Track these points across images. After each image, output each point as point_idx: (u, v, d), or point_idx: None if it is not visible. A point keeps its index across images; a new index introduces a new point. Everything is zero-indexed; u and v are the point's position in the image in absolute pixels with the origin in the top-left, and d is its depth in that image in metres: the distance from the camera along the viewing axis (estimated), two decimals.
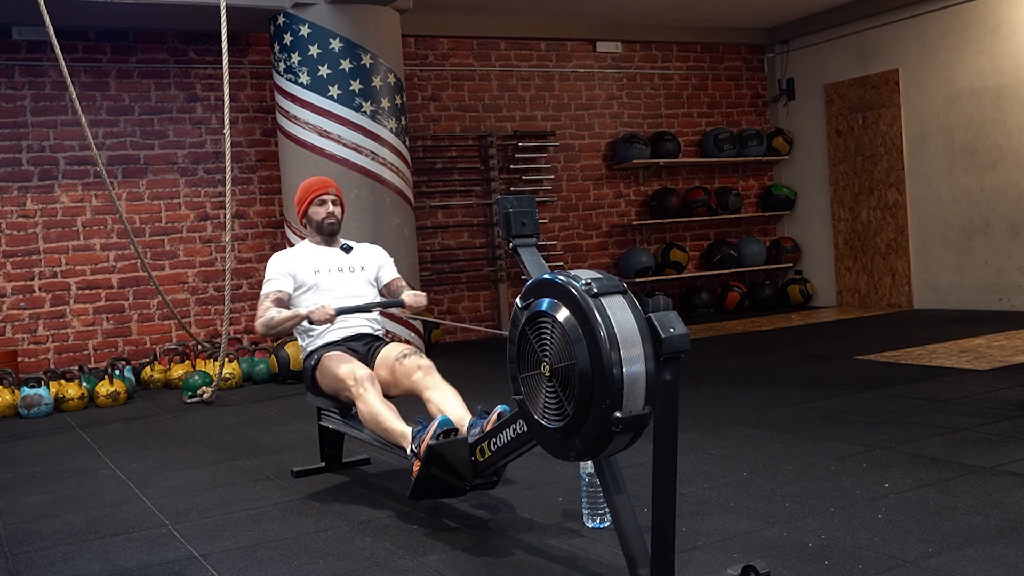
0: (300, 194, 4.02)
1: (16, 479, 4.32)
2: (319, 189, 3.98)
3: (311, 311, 3.59)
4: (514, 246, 2.81)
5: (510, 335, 2.52)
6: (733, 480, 3.50)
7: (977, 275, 8.34)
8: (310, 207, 3.98)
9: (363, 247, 4.13)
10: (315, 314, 3.56)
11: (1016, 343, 6.33)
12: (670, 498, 2.27)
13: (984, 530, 2.78)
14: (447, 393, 3.43)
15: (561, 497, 3.42)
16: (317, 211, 3.97)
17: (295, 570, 2.85)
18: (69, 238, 7.25)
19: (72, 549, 3.20)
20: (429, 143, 8.56)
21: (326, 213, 3.96)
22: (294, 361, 6.69)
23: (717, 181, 9.97)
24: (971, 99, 8.27)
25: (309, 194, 3.98)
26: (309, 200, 3.97)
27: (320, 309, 3.57)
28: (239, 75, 7.75)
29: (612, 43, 9.39)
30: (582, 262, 9.24)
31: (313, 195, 3.96)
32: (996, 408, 4.40)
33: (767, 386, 5.41)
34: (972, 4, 8.20)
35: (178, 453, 4.67)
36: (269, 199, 7.86)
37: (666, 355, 2.20)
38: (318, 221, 3.97)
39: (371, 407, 3.41)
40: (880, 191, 9.08)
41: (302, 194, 4.01)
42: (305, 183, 4.07)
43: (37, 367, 7.05)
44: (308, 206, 3.98)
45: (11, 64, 7.11)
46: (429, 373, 3.52)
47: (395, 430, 3.31)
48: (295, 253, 4.00)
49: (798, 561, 2.63)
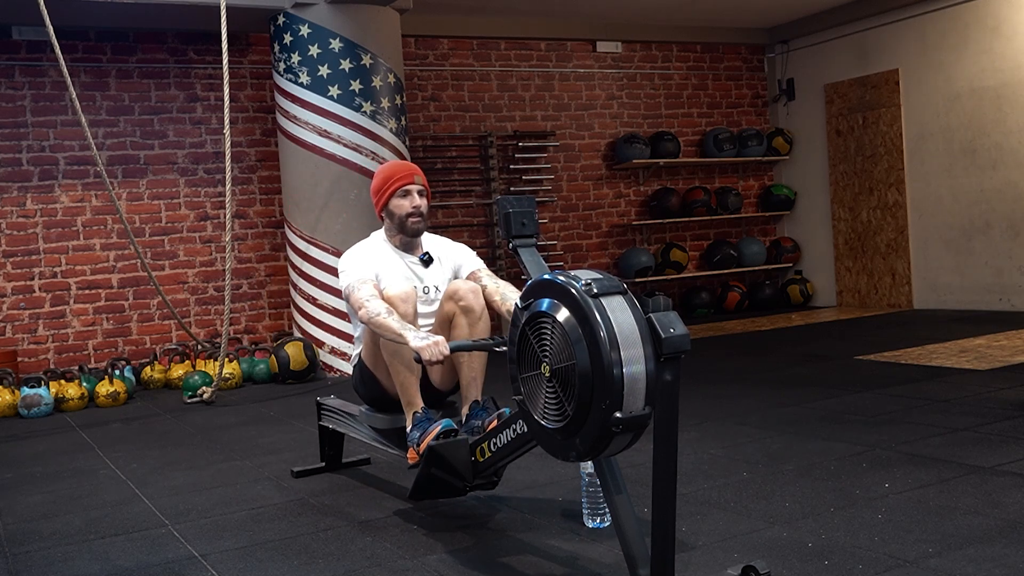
0: (379, 182, 3.42)
1: (16, 479, 4.32)
2: (404, 177, 3.38)
3: (422, 345, 2.87)
4: (514, 246, 2.81)
5: (510, 335, 2.52)
6: (733, 480, 3.50)
7: (977, 275, 8.34)
8: (392, 198, 3.38)
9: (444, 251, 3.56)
10: (426, 352, 2.85)
11: (1016, 343, 6.33)
12: (670, 498, 2.27)
13: (984, 530, 2.78)
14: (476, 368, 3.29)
15: (561, 497, 3.42)
16: (401, 204, 3.37)
17: (295, 570, 2.85)
18: (69, 238, 7.25)
19: (72, 549, 3.20)
20: (429, 143, 8.56)
21: (412, 208, 3.36)
22: (294, 361, 6.70)
23: (717, 181, 9.97)
24: (971, 99, 8.26)
25: (391, 183, 3.38)
26: (391, 190, 3.37)
27: (434, 345, 2.87)
28: (239, 75, 7.75)
29: (612, 43, 9.39)
30: (582, 262, 9.23)
31: (397, 184, 3.37)
32: (996, 408, 4.40)
33: (767, 386, 5.41)
34: (972, 4, 8.20)
35: (178, 453, 4.67)
36: (269, 199, 7.86)
37: (666, 355, 2.20)
38: (402, 218, 3.37)
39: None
40: (880, 191, 9.08)
41: (381, 182, 3.41)
42: (385, 169, 3.45)
43: (37, 367, 7.05)
44: (390, 196, 3.38)
45: (11, 64, 7.11)
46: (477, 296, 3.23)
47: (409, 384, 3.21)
48: (376, 254, 3.41)
49: (798, 561, 2.63)
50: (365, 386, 3.50)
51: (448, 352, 2.89)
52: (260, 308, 7.86)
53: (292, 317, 7.35)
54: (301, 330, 7.08)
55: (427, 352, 2.85)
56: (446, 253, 3.55)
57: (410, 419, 3.24)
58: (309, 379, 6.83)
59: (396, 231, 3.43)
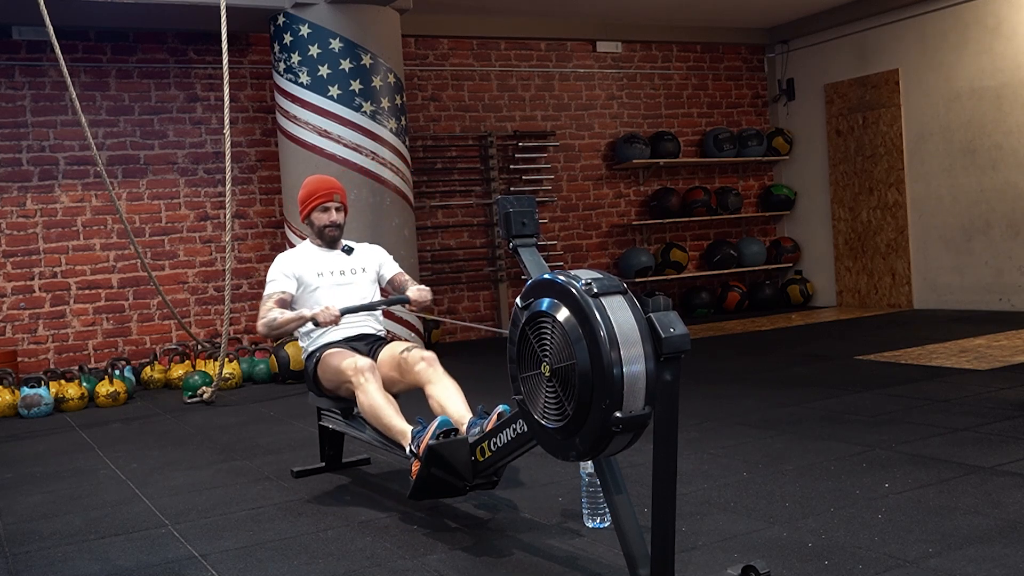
0: (303, 194, 3.96)
1: (16, 479, 4.32)
2: (323, 196, 3.90)
3: (315, 312, 3.54)
4: (514, 246, 2.81)
5: (510, 335, 2.52)
6: (733, 480, 3.50)
7: (977, 275, 8.34)
8: (313, 212, 3.92)
9: (363, 247, 4.10)
10: (320, 315, 3.51)
11: (1016, 343, 6.33)
12: (670, 498, 2.27)
13: (984, 530, 2.78)
14: (449, 387, 3.42)
15: (561, 497, 3.42)
16: (320, 217, 3.91)
17: (295, 570, 2.85)
18: (69, 238, 7.25)
19: (72, 549, 3.20)
20: (429, 143, 8.56)
21: (328, 221, 3.90)
22: (294, 361, 6.69)
23: (717, 181, 9.97)
24: (971, 99, 8.27)
25: (313, 199, 3.91)
26: (312, 205, 3.91)
27: (325, 310, 3.52)
28: (239, 75, 7.75)
29: (612, 43, 9.39)
30: (582, 262, 9.24)
31: (317, 201, 3.90)
32: (996, 408, 4.40)
33: (767, 386, 5.41)
34: (972, 4, 8.20)
35: (178, 453, 4.67)
36: (269, 199, 7.86)
37: (666, 355, 2.20)
38: (319, 227, 3.92)
39: (372, 399, 3.40)
40: (880, 191, 9.08)
41: (305, 195, 3.94)
42: (309, 184, 3.98)
43: (37, 367, 7.05)
44: (311, 210, 3.92)
45: (11, 64, 7.11)
46: (432, 365, 3.49)
47: (395, 427, 3.31)
48: (297, 254, 3.96)
49: (798, 561, 2.63)
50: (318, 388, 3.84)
51: (339, 313, 3.53)
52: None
53: None
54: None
55: (321, 316, 3.51)
56: (367, 251, 4.08)
57: (407, 443, 3.23)
58: None
59: (317, 237, 3.97)
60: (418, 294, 3.79)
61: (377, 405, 3.38)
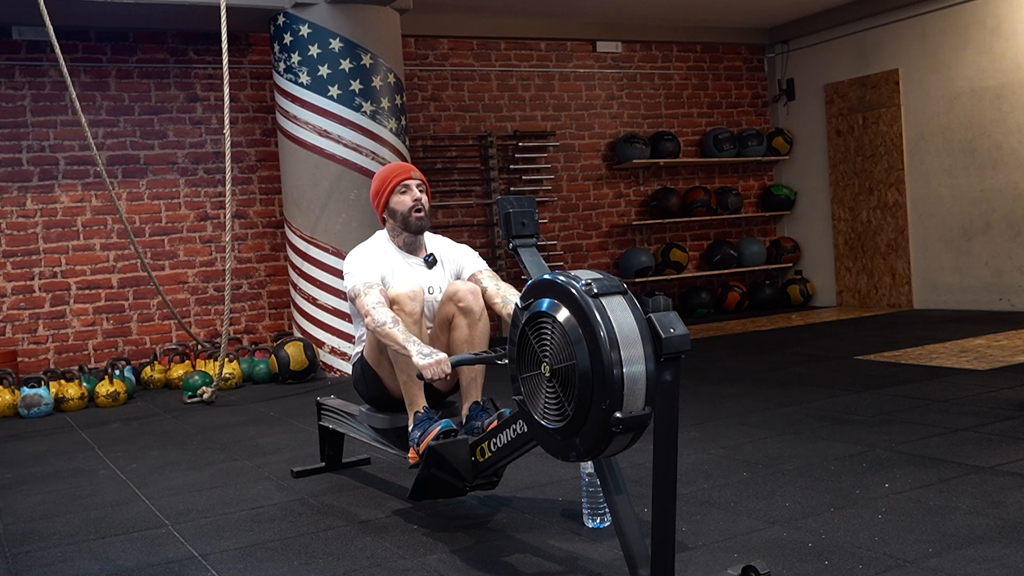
0: (377, 184, 3.44)
1: (16, 479, 4.32)
2: (401, 173, 3.40)
3: (426, 364, 2.88)
4: (514, 246, 2.81)
5: (510, 335, 2.52)
6: (733, 480, 3.50)
7: (977, 275, 8.34)
8: (392, 196, 3.38)
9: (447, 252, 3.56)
10: (428, 371, 2.87)
11: (1016, 343, 6.33)
12: (670, 498, 2.27)
13: (984, 530, 2.78)
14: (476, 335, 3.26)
15: (561, 497, 3.42)
16: (402, 200, 3.36)
17: (295, 570, 2.85)
18: (69, 238, 7.25)
19: (72, 549, 3.20)
20: (429, 143, 8.56)
21: (413, 201, 3.36)
22: (294, 361, 6.70)
23: (717, 181, 9.97)
24: (971, 99, 8.27)
25: (389, 181, 3.39)
26: (391, 188, 3.38)
27: (436, 364, 2.88)
28: (239, 75, 7.75)
29: (612, 43, 9.39)
30: (582, 262, 9.23)
31: (396, 180, 3.38)
32: (996, 408, 4.40)
33: (767, 386, 5.41)
34: (972, 4, 8.20)
35: (178, 453, 4.67)
36: (269, 199, 7.86)
37: (666, 355, 2.20)
38: (404, 213, 3.36)
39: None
40: (880, 191, 9.08)
41: (380, 184, 3.43)
42: (382, 171, 3.47)
43: (37, 367, 7.05)
44: (389, 195, 3.38)
45: (11, 64, 7.11)
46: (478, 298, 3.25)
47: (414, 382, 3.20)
48: (381, 254, 3.40)
49: (798, 561, 2.63)
50: (366, 384, 3.49)
51: (450, 370, 2.89)
52: (260, 308, 7.86)
53: (292, 317, 7.35)
54: (301, 330, 7.08)
55: (429, 371, 2.87)
56: (448, 254, 3.55)
57: (412, 418, 3.24)
58: (309, 379, 6.83)
59: (400, 229, 3.41)
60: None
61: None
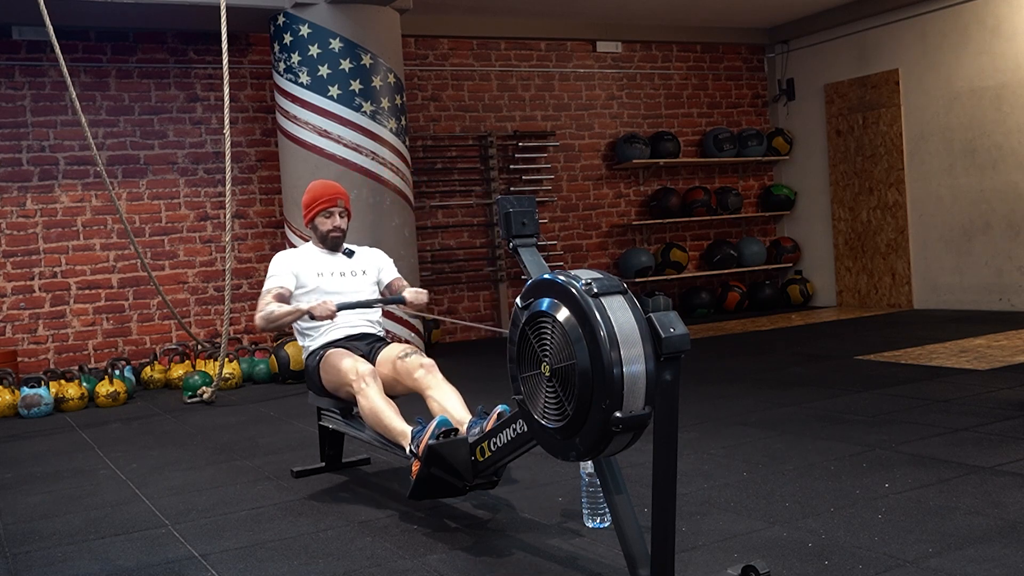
0: (307, 199, 4.00)
1: (16, 479, 4.32)
2: (326, 201, 3.95)
3: (312, 306, 3.61)
4: (514, 246, 2.81)
5: (510, 335, 2.52)
6: (733, 480, 3.50)
7: (977, 275, 8.34)
8: (316, 216, 3.97)
9: (364, 251, 4.13)
10: (316, 309, 3.58)
11: (1016, 343, 6.33)
12: (670, 498, 2.27)
13: (984, 530, 2.78)
14: (448, 393, 3.44)
15: (561, 497, 3.42)
16: (323, 222, 3.96)
17: (295, 570, 2.85)
18: (69, 238, 7.25)
19: (72, 549, 3.20)
20: (429, 143, 8.56)
21: (332, 226, 3.96)
22: (294, 361, 6.69)
23: (717, 181, 9.97)
24: (971, 99, 8.27)
25: (317, 204, 3.96)
26: (316, 210, 3.95)
27: (321, 305, 3.59)
28: (239, 75, 7.75)
29: (612, 43, 9.39)
30: (582, 262, 9.24)
31: (321, 206, 3.95)
32: (996, 408, 4.40)
33: (767, 386, 5.41)
34: (972, 4, 8.20)
35: (178, 453, 4.67)
36: (269, 199, 7.86)
37: (666, 355, 2.20)
38: (323, 232, 3.97)
39: (372, 403, 3.42)
40: (880, 191, 9.08)
41: (309, 200, 3.99)
42: (313, 189, 4.03)
43: (37, 367, 7.05)
44: (315, 215, 3.97)
45: (11, 64, 7.11)
46: (431, 372, 3.52)
47: (395, 428, 3.32)
48: (299, 254, 4.01)
49: (798, 561, 2.63)
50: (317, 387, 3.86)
51: (335, 308, 3.60)
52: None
53: None
54: None
55: (318, 310, 3.58)
56: (368, 254, 4.12)
57: (407, 441, 3.24)
58: None
59: (320, 242, 4.02)
60: (414, 296, 3.85)
61: (378, 409, 3.41)
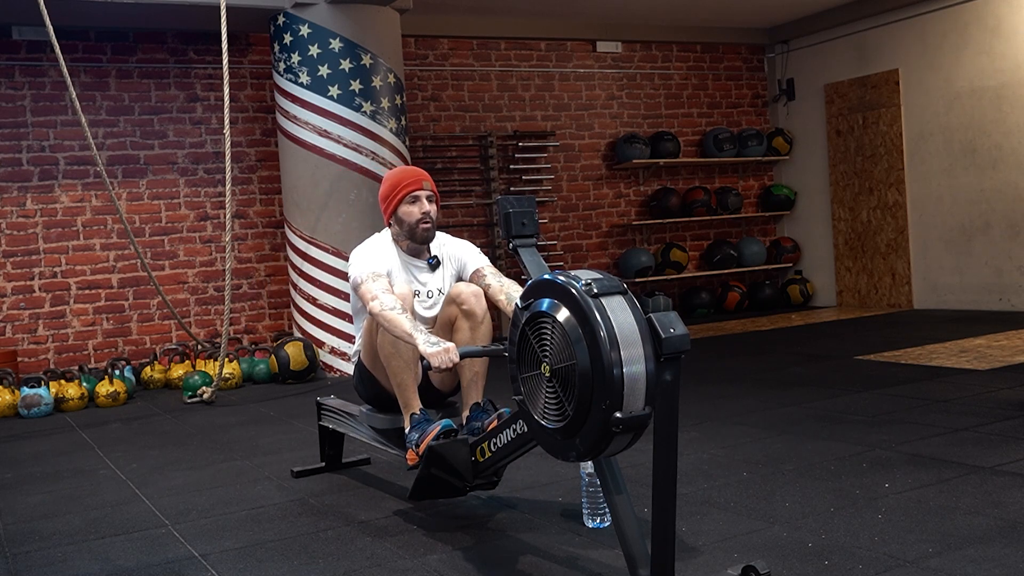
0: (387, 189, 3.42)
1: (16, 479, 4.32)
2: (413, 183, 3.37)
3: (433, 352, 2.83)
4: (514, 246, 2.81)
5: (510, 336, 2.52)
6: (733, 480, 3.50)
7: (977, 275, 8.34)
8: (400, 205, 3.37)
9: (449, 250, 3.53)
10: (435, 359, 2.82)
11: (1016, 343, 6.33)
12: (670, 498, 2.27)
13: (984, 530, 2.78)
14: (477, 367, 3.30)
15: (561, 497, 3.42)
16: (410, 211, 3.36)
17: (295, 570, 2.85)
18: (69, 238, 7.25)
19: (72, 549, 3.20)
20: (429, 143, 8.56)
21: (421, 214, 3.35)
22: (294, 361, 6.69)
23: (717, 181, 9.97)
24: (971, 99, 8.26)
25: (400, 189, 3.38)
26: (400, 196, 3.37)
27: (444, 352, 2.83)
28: (239, 75, 7.75)
29: (612, 43, 9.39)
30: (582, 262, 9.23)
31: (405, 190, 3.36)
32: (996, 408, 4.40)
33: (767, 386, 5.41)
34: (972, 4, 8.20)
35: (178, 453, 4.67)
36: (269, 199, 7.86)
37: (666, 355, 2.20)
38: (412, 224, 3.36)
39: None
40: (880, 191, 9.08)
41: (390, 189, 3.41)
42: (393, 175, 3.45)
43: (37, 367, 7.05)
44: (398, 203, 3.37)
45: (11, 64, 7.11)
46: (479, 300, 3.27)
47: (407, 386, 3.22)
48: (387, 254, 3.40)
49: (798, 561, 2.63)
50: (364, 385, 3.53)
51: (458, 359, 2.84)
52: (260, 308, 7.86)
53: (292, 317, 7.35)
54: (301, 330, 7.08)
55: (436, 359, 2.81)
56: (451, 252, 3.52)
57: (408, 421, 3.24)
58: (309, 379, 6.83)
59: (406, 237, 3.41)
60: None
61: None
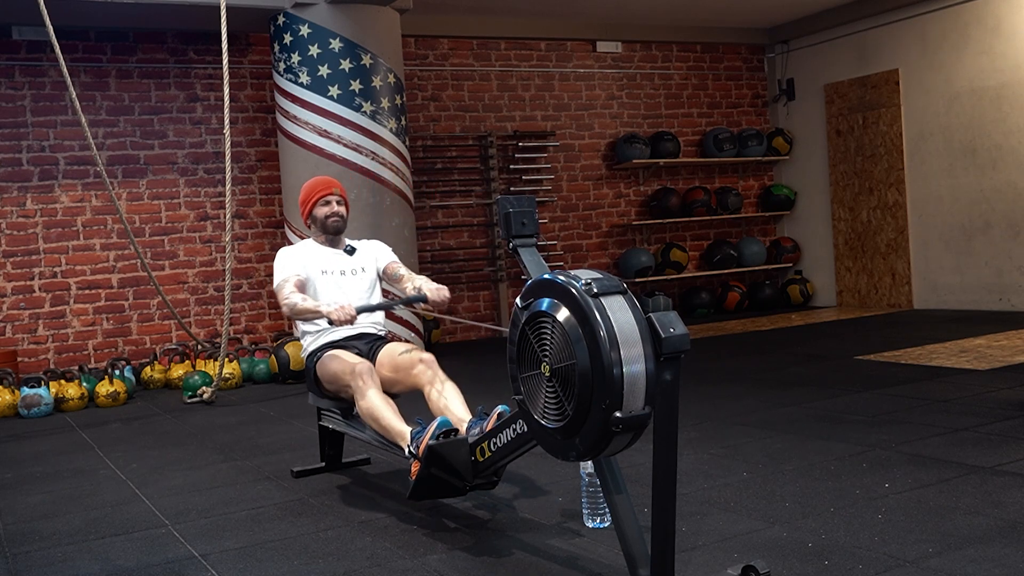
0: (304, 195, 4.01)
1: (16, 479, 4.32)
2: (323, 190, 3.97)
3: (331, 310, 3.45)
4: (514, 246, 2.81)
5: (510, 335, 2.52)
6: (733, 480, 3.50)
7: (977, 275, 8.34)
8: (314, 207, 3.97)
9: (364, 245, 4.10)
10: (335, 314, 3.43)
11: (1016, 343, 6.33)
12: (670, 498, 2.27)
13: (984, 530, 2.78)
14: (448, 389, 3.43)
15: (561, 497, 3.42)
16: (321, 210, 3.95)
17: (295, 570, 2.85)
18: (69, 238, 7.25)
19: (72, 549, 3.20)
20: (429, 143, 8.56)
21: (330, 212, 3.95)
22: (294, 361, 6.69)
23: (717, 181, 9.97)
24: (971, 99, 8.27)
25: (313, 195, 3.97)
26: (313, 201, 3.96)
27: (340, 309, 3.44)
28: (239, 75, 7.75)
29: (612, 43, 9.39)
30: (582, 262, 9.23)
31: (317, 196, 3.95)
32: (996, 408, 4.40)
33: (767, 386, 5.41)
34: (972, 4, 8.20)
35: (178, 453, 4.67)
36: (269, 199, 7.86)
37: (666, 355, 2.20)
38: (322, 219, 3.95)
39: (370, 402, 3.41)
40: (880, 191, 9.08)
41: (306, 195, 4.00)
42: (308, 184, 4.05)
43: (37, 367, 7.05)
44: (312, 207, 3.97)
45: (11, 64, 7.11)
46: (430, 366, 3.52)
47: (394, 428, 3.31)
48: (302, 250, 3.98)
49: (798, 561, 2.63)
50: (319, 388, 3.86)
51: (355, 313, 3.45)
52: (260, 308, 7.86)
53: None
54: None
55: (336, 315, 3.43)
56: (368, 246, 4.11)
57: (406, 444, 3.23)
58: None
59: (320, 231, 4.00)
60: (436, 294, 3.65)
61: (376, 407, 3.39)
